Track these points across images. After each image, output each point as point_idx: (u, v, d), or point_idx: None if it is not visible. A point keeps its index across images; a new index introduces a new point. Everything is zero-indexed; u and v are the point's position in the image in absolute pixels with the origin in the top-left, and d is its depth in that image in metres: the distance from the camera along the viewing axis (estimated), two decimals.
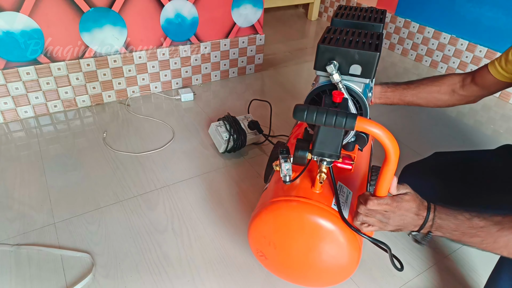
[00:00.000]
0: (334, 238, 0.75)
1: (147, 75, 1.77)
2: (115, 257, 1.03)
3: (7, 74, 1.45)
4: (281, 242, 0.82)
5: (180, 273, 0.99)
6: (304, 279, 0.88)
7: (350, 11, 0.90)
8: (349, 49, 0.70)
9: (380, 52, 0.70)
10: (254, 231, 0.84)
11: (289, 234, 0.80)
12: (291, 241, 0.80)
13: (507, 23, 1.87)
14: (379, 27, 0.83)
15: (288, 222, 0.78)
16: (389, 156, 0.62)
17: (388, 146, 0.61)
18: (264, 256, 0.87)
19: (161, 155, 1.42)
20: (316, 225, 0.75)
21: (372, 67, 0.70)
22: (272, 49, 2.39)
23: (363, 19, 0.86)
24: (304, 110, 0.60)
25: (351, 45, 0.72)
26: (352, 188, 0.83)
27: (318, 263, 0.81)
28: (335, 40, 0.74)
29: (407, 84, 0.99)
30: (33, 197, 1.20)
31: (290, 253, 0.82)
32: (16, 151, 1.40)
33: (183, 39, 1.77)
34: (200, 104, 1.77)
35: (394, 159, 0.63)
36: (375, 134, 0.60)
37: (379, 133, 0.60)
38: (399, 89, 0.99)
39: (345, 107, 0.68)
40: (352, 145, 0.84)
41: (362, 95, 0.75)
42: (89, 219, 1.13)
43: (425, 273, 1.03)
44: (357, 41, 0.73)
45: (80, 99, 1.66)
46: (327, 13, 2.96)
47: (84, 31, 1.53)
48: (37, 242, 1.05)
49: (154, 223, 1.13)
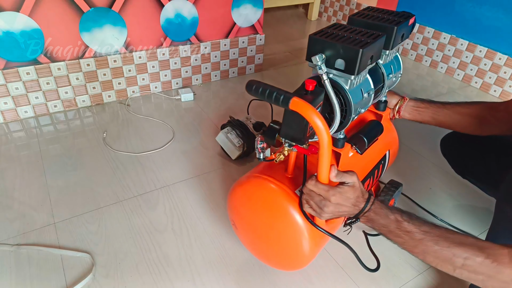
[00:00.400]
0: (290, 221, 0.79)
1: (147, 75, 1.77)
2: (115, 257, 1.03)
3: (7, 74, 1.45)
4: (247, 215, 0.89)
5: (180, 273, 0.99)
6: (264, 256, 0.94)
7: (371, 12, 0.89)
8: (335, 43, 0.71)
9: (363, 49, 0.69)
10: (229, 200, 0.92)
11: (253, 209, 0.86)
12: (254, 216, 0.86)
13: (507, 23, 1.87)
14: (392, 29, 0.82)
15: (253, 198, 0.84)
16: (322, 143, 0.65)
17: (320, 131, 0.63)
18: (235, 225, 0.95)
19: (161, 155, 1.42)
20: (276, 205, 0.80)
21: (354, 63, 0.70)
22: (272, 49, 2.39)
23: (379, 20, 0.85)
24: (252, 85, 0.66)
25: (339, 40, 0.72)
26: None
27: (275, 243, 0.86)
28: (329, 34, 0.74)
29: (442, 104, 0.97)
30: (33, 197, 1.20)
31: (254, 228, 0.89)
32: (16, 151, 1.40)
33: (183, 39, 1.77)
34: (200, 104, 1.77)
35: (327, 146, 0.65)
36: (309, 118, 0.63)
37: (313, 118, 0.62)
38: (434, 107, 0.97)
39: (317, 95, 0.69)
40: (383, 105, 0.97)
41: (347, 91, 0.75)
42: (89, 219, 1.13)
43: (425, 273, 1.03)
44: (349, 37, 0.73)
45: (80, 99, 1.66)
46: (327, 13, 2.96)
47: (84, 31, 1.53)
48: (37, 242, 1.05)
49: (154, 223, 1.13)
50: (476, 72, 2.06)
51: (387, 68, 0.89)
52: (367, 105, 0.84)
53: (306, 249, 0.80)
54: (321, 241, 0.84)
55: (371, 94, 0.83)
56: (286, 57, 2.33)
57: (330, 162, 0.69)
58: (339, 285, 0.98)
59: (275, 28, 2.75)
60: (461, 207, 1.26)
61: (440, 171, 1.41)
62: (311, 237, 0.79)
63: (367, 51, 0.71)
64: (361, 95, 0.79)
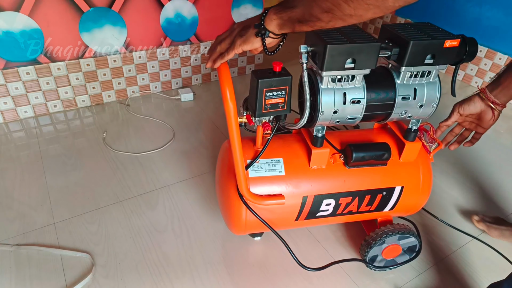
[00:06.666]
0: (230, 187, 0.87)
1: (147, 75, 1.77)
2: (115, 257, 1.02)
3: (7, 74, 1.45)
4: (217, 173, 1.00)
5: (180, 273, 0.99)
6: (223, 215, 1.00)
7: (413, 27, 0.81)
8: (318, 37, 0.72)
9: (330, 45, 0.68)
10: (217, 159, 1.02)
11: (218, 168, 0.98)
12: (219, 175, 0.97)
13: (507, 23, 1.87)
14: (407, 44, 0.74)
15: (221, 158, 0.96)
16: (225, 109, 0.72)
17: (225, 98, 0.71)
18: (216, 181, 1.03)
19: (161, 155, 1.42)
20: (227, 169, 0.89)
21: (322, 58, 0.71)
22: None
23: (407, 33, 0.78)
24: None
25: (327, 35, 0.72)
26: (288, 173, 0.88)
27: (225, 206, 0.94)
28: (325, 31, 0.74)
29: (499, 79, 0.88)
30: (33, 197, 1.20)
31: (218, 185, 0.98)
32: (16, 151, 1.40)
33: (183, 39, 1.77)
34: (200, 104, 1.77)
35: (233, 117, 0.73)
36: (220, 81, 0.72)
37: (222, 83, 0.70)
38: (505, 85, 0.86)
39: (277, 77, 0.73)
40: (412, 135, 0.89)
41: (320, 87, 0.76)
42: (89, 219, 1.13)
43: (425, 273, 1.03)
44: (338, 36, 0.73)
45: (80, 99, 1.66)
46: None
47: (84, 31, 1.52)
48: (37, 242, 1.05)
49: (154, 223, 1.13)
50: (476, 72, 2.06)
51: (404, 89, 0.80)
52: (355, 114, 0.80)
53: (240, 214, 0.87)
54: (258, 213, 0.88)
55: (361, 104, 0.79)
56: (286, 57, 2.33)
57: (239, 129, 0.75)
58: (339, 285, 0.98)
59: None
60: (461, 207, 1.26)
61: (440, 171, 1.41)
62: (240, 206, 0.86)
63: (336, 49, 0.69)
64: (343, 99, 0.77)
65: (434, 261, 1.07)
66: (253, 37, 0.67)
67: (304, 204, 0.88)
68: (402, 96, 0.81)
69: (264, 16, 0.65)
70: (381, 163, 0.87)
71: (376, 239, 0.94)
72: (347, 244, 1.10)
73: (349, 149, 0.84)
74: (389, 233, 0.94)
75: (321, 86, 0.76)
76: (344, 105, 0.78)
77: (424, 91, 0.82)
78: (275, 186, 0.86)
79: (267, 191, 0.86)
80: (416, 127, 0.88)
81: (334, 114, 0.78)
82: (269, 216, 0.88)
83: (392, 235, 0.94)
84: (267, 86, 0.73)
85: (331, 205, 0.90)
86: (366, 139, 0.95)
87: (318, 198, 0.88)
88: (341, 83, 0.77)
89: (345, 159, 0.87)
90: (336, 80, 0.76)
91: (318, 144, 0.85)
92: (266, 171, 0.86)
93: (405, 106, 0.82)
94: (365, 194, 0.91)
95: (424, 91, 0.82)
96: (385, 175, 0.91)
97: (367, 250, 0.96)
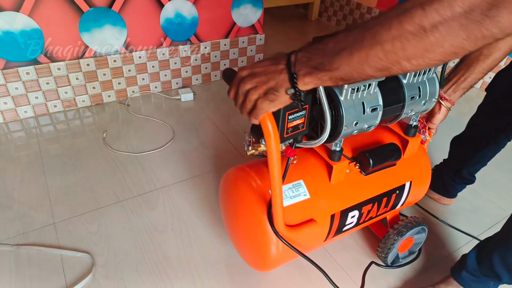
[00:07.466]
0: (259, 220, 0.77)
1: (147, 75, 1.77)
2: (115, 257, 1.02)
3: (7, 74, 1.45)
4: (228, 205, 0.90)
5: (180, 273, 0.99)
6: (240, 250, 0.94)
7: None
8: None
9: None
10: (220, 187, 0.93)
11: (231, 198, 0.87)
12: (233, 206, 0.87)
13: None
14: None
15: (232, 187, 0.86)
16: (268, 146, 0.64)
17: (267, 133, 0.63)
18: (222, 211, 0.96)
19: (161, 155, 1.42)
20: (248, 200, 0.80)
21: None
22: (272, 49, 2.39)
23: None
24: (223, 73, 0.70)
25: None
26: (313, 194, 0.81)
27: (245, 236, 0.86)
28: None
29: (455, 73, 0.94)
30: (33, 197, 1.20)
31: (231, 217, 0.90)
32: (16, 151, 1.40)
33: (183, 39, 1.77)
34: (200, 104, 1.77)
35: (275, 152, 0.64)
36: None
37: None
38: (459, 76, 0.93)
39: None
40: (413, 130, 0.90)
41: (340, 100, 0.72)
42: (89, 219, 1.13)
43: (425, 273, 1.03)
44: None
45: (80, 99, 1.66)
46: (327, 13, 2.96)
47: (84, 31, 1.52)
48: (37, 242, 1.05)
49: (154, 223, 1.13)
50: None
51: (411, 88, 0.82)
52: (372, 121, 0.79)
53: (273, 252, 0.78)
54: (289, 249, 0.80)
55: (378, 111, 0.78)
56: None
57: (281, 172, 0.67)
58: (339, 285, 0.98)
59: (275, 28, 2.75)
60: (461, 207, 1.26)
61: None
62: (278, 242, 0.76)
63: None
64: (362, 109, 0.75)
65: (434, 261, 1.07)
66: (285, 100, 0.62)
67: (332, 222, 0.85)
68: (411, 96, 0.82)
69: (296, 80, 0.58)
70: (393, 164, 0.88)
71: (402, 231, 0.98)
72: (347, 244, 1.10)
73: (364, 157, 0.83)
74: (413, 223, 0.99)
75: (341, 99, 0.73)
76: (364, 115, 0.76)
77: (427, 88, 0.83)
78: (304, 211, 0.81)
79: (297, 218, 0.80)
80: (417, 123, 0.90)
81: (355, 126, 0.76)
82: (299, 243, 0.81)
83: (413, 228, 0.98)
84: (290, 109, 0.68)
85: (355, 216, 0.88)
86: (371, 141, 0.93)
87: (344, 213, 0.85)
88: (359, 93, 0.75)
89: (361, 167, 0.85)
90: (355, 90, 0.74)
91: (336, 159, 0.82)
92: (291, 198, 0.79)
93: (412, 105, 0.83)
94: (383, 197, 0.91)
95: (427, 88, 0.83)
96: (396, 174, 0.91)
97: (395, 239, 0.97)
